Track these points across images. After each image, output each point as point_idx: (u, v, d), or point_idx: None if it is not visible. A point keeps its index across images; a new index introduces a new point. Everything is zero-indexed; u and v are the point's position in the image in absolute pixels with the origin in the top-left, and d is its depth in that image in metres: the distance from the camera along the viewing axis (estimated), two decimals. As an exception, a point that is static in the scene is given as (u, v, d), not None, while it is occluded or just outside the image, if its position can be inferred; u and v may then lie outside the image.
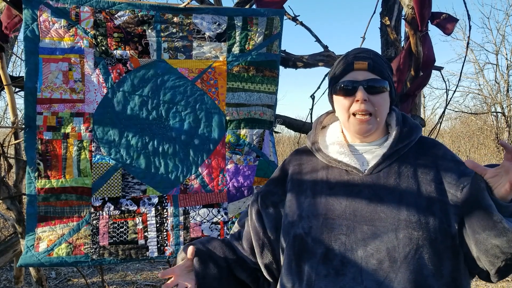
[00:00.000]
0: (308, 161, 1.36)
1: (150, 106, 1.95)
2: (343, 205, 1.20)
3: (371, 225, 1.15)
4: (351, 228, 1.16)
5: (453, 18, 2.06)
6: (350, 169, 1.25)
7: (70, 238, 1.86)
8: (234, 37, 2.01)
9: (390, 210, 1.16)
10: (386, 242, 1.12)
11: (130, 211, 1.93)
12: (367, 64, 1.24)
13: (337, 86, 1.27)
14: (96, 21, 1.90)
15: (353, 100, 1.23)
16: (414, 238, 1.11)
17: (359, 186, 1.22)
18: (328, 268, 1.15)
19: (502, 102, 12.56)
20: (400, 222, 1.13)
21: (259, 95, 2.05)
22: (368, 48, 1.32)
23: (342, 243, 1.16)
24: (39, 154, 1.87)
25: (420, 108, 2.66)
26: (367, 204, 1.18)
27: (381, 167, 1.23)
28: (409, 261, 1.10)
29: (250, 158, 2.04)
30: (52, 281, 4.47)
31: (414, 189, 1.18)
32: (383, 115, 1.26)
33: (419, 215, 1.14)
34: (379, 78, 1.24)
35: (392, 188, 1.19)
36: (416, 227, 1.12)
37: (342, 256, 1.15)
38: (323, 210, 1.21)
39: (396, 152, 1.24)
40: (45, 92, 1.87)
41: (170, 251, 1.94)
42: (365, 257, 1.13)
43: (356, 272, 1.12)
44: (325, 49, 2.48)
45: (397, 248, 1.11)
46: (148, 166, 1.94)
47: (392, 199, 1.17)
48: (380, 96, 1.24)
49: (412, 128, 1.29)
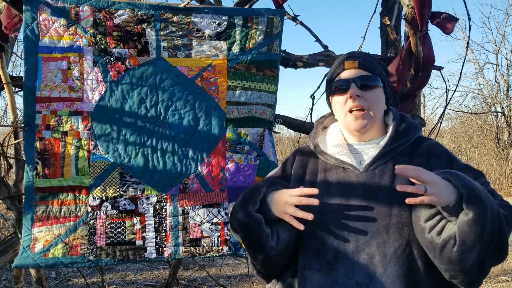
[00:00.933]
0: (311, 162, 1.39)
1: (149, 104, 1.95)
2: (338, 201, 1.24)
3: (363, 220, 1.18)
4: (344, 223, 1.20)
5: (453, 17, 2.06)
6: (347, 166, 1.29)
7: (67, 238, 1.85)
8: (234, 36, 2.00)
9: (382, 206, 1.19)
10: (376, 237, 1.15)
11: (128, 211, 1.92)
12: (358, 62, 1.29)
13: (332, 87, 1.33)
14: (96, 20, 1.90)
15: (347, 98, 1.28)
16: (404, 233, 1.14)
17: (353, 183, 1.25)
18: (321, 262, 1.19)
19: (502, 102, 12.56)
20: (391, 218, 1.16)
21: (260, 94, 2.05)
22: (359, 51, 1.40)
23: (335, 239, 1.19)
24: (38, 153, 1.86)
25: (420, 108, 2.66)
26: (360, 201, 1.21)
27: (376, 164, 1.26)
28: (398, 256, 1.13)
29: (251, 157, 2.04)
30: (52, 281, 4.47)
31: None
32: (378, 110, 1.30)
33: (411, 212, 1.16)
34: (370, 74, 1.29)
35: (386, 185, 1.22)
36: (406, 223, 1.15)
37: (335, 251, 1.18)
38: (318, 206, 1.23)
39: (391, 151, 1.27)
40: (44, 90, 1.87)
41: (168, 252, 1.93)
42: (356, 252, 1.16)
43: (348, 267, 1.16)
44: (325, 49, 2.48)
45: (387, 243, 1.14)
46: (147, 165, 1.94)
47: (385, 196, 1.20)
48: (373, 91, 1.28)
49: (410, 127, 1.31)
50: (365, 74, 1.29)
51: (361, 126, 1.27)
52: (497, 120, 13.01)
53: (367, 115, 1.27)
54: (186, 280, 4.60)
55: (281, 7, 2.16)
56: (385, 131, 1.33)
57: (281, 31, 2.07)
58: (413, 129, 1.32)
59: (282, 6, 2.18)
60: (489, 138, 12.91)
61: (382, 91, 1.31)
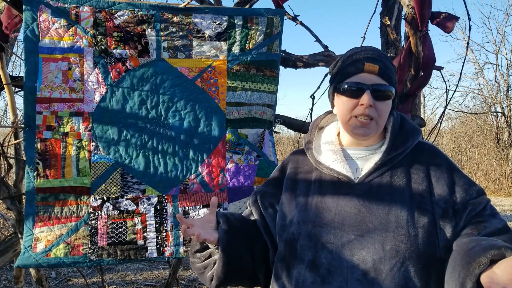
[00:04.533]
0: (303, 164, 1.35)
1: (150, 105, 1.95)
2: (332, 213, 1.18)
3: (359, 235, 1.13)
4: (338, 237, 1.15)
5: (453, 16, 2.06)
6: (342, 177, 1.23)
7: (68, 238, 1.86)
8: (234, 36, 2.01)
9: (378, 221, 1.13)
10: (372, 253, 1.10)
11: (129, 211, 1.92)
12: (378, 68, 1.18)
13: (342, 85, 1.22)
14: (96, 21, 1.90)
15: (358, 103, 1.19)
16: (401, 250, 1.10)
17: (349, 195, 1.20)
18: (314, 275, 1.14)
19: (502, 102, 12.56)
20: (388, 234, 1.11)
21: (260, 95, 2.05)
22: (378, 49, 1.25)
23: (329, 252, 1.14)
24: (38, 154, 1.86)
25: (420, 108, 2.66)
26: (356, 214, 1.16)
27: (372, 176, 1.21)
28: (394, 274, 1.08)
29: (251, 158, 2.04)
30: (52, 281, 4.47)
31: (406, 201, 1.15)
32: (384, 121, 1.23)
33: (409, 227, 1.11)
34: (387, 84, 1.20)
35: (383, 198, 1.16)
36: (404, 240, 1.10)
37: (329, 264, 1.13)
38: (312, 217, 1.20)
39: (389, 161, 1.22)
40: (45, 91, 1.87)
41: (169, 252, 1.93)
42: (351, 267, 1.11)
43: (342, 282, 1.11)
44: (325, 49, 2.48)
45: (383, 260, 1.09)
46: (147, 166, 1.94)
47: (382, 210, 1.15)
48: (385, 103, 1.20)
49: (409, 133, 1.25)
50: (382, 83, 1.19)
51: (363, 135, 1.21)
52: (497, 120, 13.01)
53: (373, 125, 1.20)
54: (186, 280, 4.60)
55: (281, 7, 2.17)
56: (384, 136, 1.27)
57: (281, 31, 2.08)
58: (412, 135, 1.25)
59: (282, 6, 2.18)
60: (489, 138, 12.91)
61: (391, 100, 1.23)
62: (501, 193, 10.56)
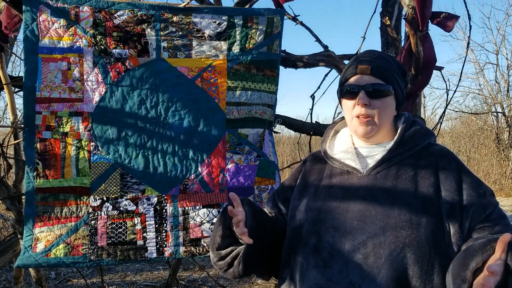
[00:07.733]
0: (318, 161, 1.42)
1: (149, 105, 1.95)
2: (338, 201, 1.25)
3: (361, 221, 1.18)
4: (342, 222, 1.20)
5: (453, 15, 2.06)
6: (351, 170, 1.29)
7: (68, 238, 1.85)
8: (234, 36, 2.00)
9: (381, 208, 1.18)
10: (373, 238, 1.15)
11: (129, 211, 1.92)
12: (370, 68, 1.26)
13: (343, 89, 1.31)
14: (96, 21, 1.89)
15: (356, 103, 1.26)
16: (401, 236, 1.13)
17: (355, 185, 1.26)
18: (317, 259, 1.20)
19: (503, 102, 12.55)
20: (389, 220, 1.15)
21: (260, 94, 2.04)
22: (376, 51, 1.33)
23: (332, 236, 1.20)
24: (38, 154, 1.86)
25: (420, 108, 2.66)
26: (360, 202, 1.21)
27: (379, 168, 1.26)
28: (393, 259, 1.12)
29: (251, 158, 2.03)
30: (51, 282, 4.47)
31: (411, 191, 1.19)
32: (384, 118, 1.28)
33: (411, 215, 1.15)
34: (381, 82, 1.26)
35: (388, 189, 1.21)
36: (405, 226, 1.14)
37: (331, 248, 1.19)
38: (319, 204, 1.26)
39: (397, 155, 1.26)
40: (44, 91, 1.86)
41: (169, 252, 1.93)
42: (352, 251, 1.16)
43: (342, 265, 1.16)
44: (325, 49, 2.47)
45: (383, 244, 1.13)
46: (147, 166, 1.93)
47: (386, 199, 1.20)
48: (382, 100, 1.26)
49: (419, 132, 1.30)
50: (376, 82, 1.25)
51: (365, 132, 1.27)
52: (497, 120, 13.01)
53: (371, 122, 1.26)
54: (186, 280, 4.59)
55: (281, 7, 2.16)
56: (395, 135, 1.32)
57: (281, 31, 2.07)
58: (423, 134, 1.30)
59: (282, 6, 2.18)
60: (489, 138, 12.90)
61: (393, 98, 1.29)
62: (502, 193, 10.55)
